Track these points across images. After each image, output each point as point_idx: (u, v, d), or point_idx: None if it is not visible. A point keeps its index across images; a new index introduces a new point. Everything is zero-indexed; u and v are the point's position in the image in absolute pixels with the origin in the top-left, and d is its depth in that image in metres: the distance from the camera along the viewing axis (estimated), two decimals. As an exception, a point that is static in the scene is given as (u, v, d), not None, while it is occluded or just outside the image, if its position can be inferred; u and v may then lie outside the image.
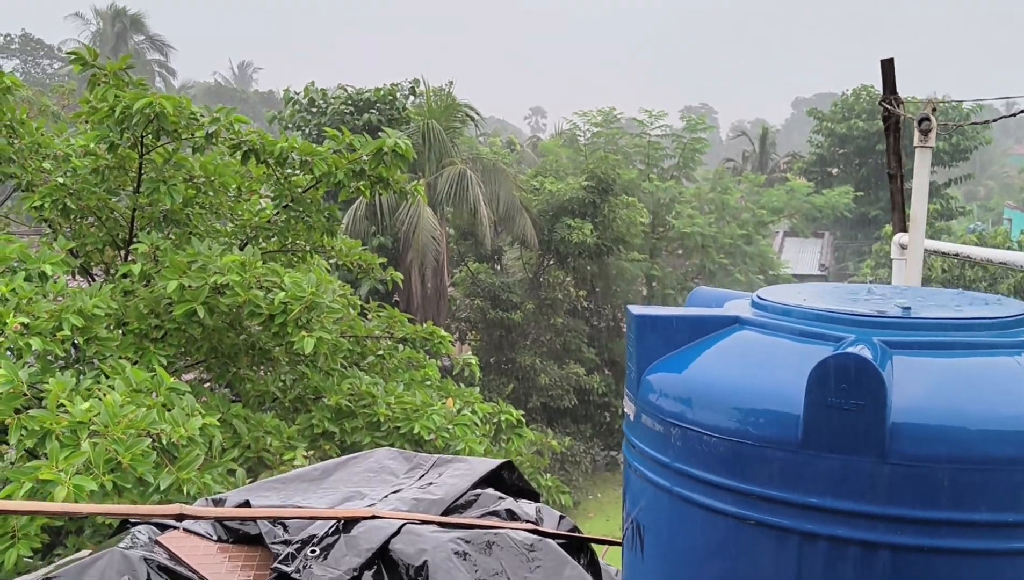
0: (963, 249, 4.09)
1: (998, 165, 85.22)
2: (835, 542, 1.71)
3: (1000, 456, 1.65)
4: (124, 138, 6.18)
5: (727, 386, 1.85)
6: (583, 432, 22.76)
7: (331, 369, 6.80)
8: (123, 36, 56.12)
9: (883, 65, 5.53)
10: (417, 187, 7.46)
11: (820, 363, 1.66)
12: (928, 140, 3.79)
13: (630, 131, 30.35)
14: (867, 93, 38.87)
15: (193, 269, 5.58)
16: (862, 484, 1.67)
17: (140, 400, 4.62)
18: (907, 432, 1.65)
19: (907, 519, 1.67)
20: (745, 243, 27.61)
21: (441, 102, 22.30)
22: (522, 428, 7.89)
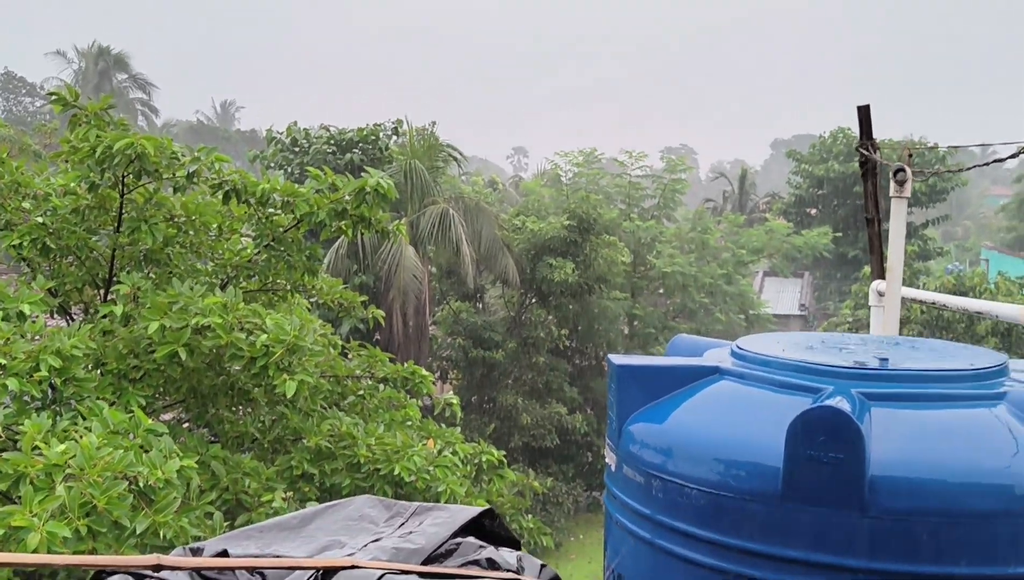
0: (939, 298, 4.13)
1: (975, 206, 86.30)
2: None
3: (979, 509, 1.66)
4: (105, 178, 6.17)
5: (707, 438, 1.86)
6: (565, 472, 22.64)
7: (311, 410, 6.76)
8: (106, 75, 56.21)
9: (859, 111, 5.62)
10: (399, 226, 7.47)
11: (799, 415, 1.67)
12: (904, 190, 3.84)
13: (611, 171, 30.55)
14: (844, 135, 39.32)
15: (174, 310, 5.55)
16: (842, 538, 1.68)
17: (117, 442, 4.56)
18: (886, 485, 1.66)
19: (888, 573, 1.67)
20: (725, 283, 27.74)
21: (424, 142, 22.41)
22: (504, 469, 7.84)
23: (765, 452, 1.73)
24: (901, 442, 1.72)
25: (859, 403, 1.74)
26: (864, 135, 5.68)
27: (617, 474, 2.02)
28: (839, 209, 40.11)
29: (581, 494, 22.89)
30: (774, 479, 1.71)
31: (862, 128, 5.76)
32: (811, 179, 40.80)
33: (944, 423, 1.80)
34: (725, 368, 2.02)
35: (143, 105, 59.28)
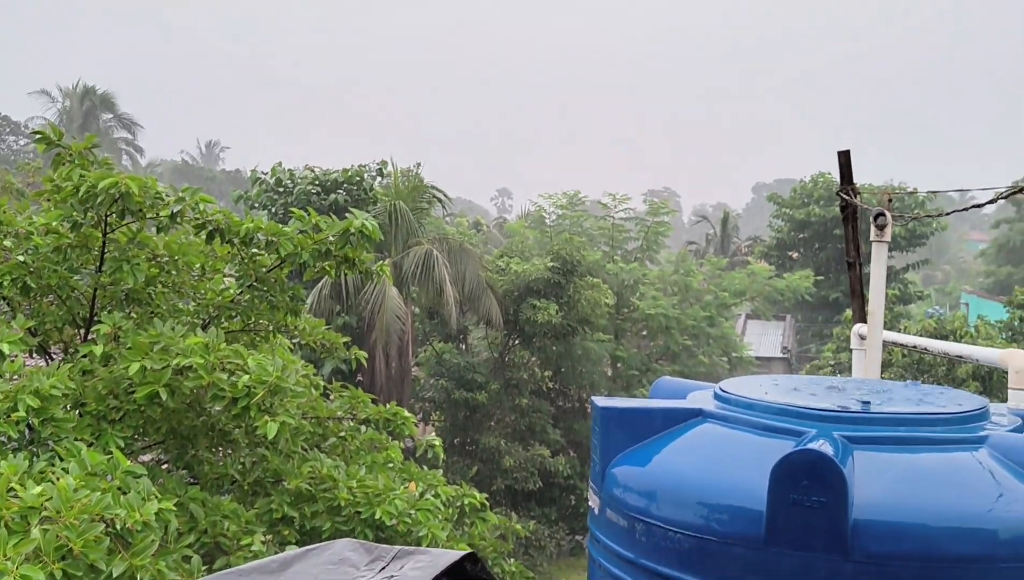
0: (920, 342, 4.16)
1: (954, 250, 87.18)
2: (800, 642, 1.70)
3: (962, 554, 1.66)
4: (87, 217, 6.15)
5: (691, 481, 1.85)
6: (548, 516, 22.47)
7: (292, 451, 6.69)
8: (92, 114, 56.24)
9: (840, 157, 5.69)
10: (383, 267, 7.46)
11: (782, 459, 1.67)
12: (884, 234, 3.88)
13: (595, 214, 30.74)
14: (824, 180, 39.74)
15: (155, 350, 5.51)
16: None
17: (95, 484, 4.50)
18: (869, 529, 1.66)
19: (871, 618, 1.67)
20: (708, 325, 27.81)
21: (408, 183, 22.49)
22: (486, 512, 7.78)
23: (749, 495, 1.73)
24: (884, 486, 1.72)
25: (842, 446, 1.74)
26: (845, 180, 5.74)
27: (600, 517, 2.01)
28: (820, 253, 40.44)
29: (564, 538, 22.70)
30: (757, 523, 1.71)
31: (843, 173, 5.82)
32: (792, 223, 41.17)
33: (926, 467, 1.80)
34: (708, 411, 2.03)
35: (128, 145, 59.28)
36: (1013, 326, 20.30)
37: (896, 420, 1.91)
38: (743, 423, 1.96)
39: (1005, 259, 54.66)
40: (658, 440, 2.00)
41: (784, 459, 1.67)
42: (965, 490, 1.75)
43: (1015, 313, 20.55)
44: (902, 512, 1.70)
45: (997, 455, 1.82)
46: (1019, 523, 1.69)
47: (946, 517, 1.70)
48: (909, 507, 1.71)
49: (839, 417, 1.90)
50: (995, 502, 1.72)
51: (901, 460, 1.81)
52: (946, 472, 1.79)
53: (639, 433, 2.02)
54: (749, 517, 1.73)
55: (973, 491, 1.75)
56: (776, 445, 1.78)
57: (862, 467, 1.75)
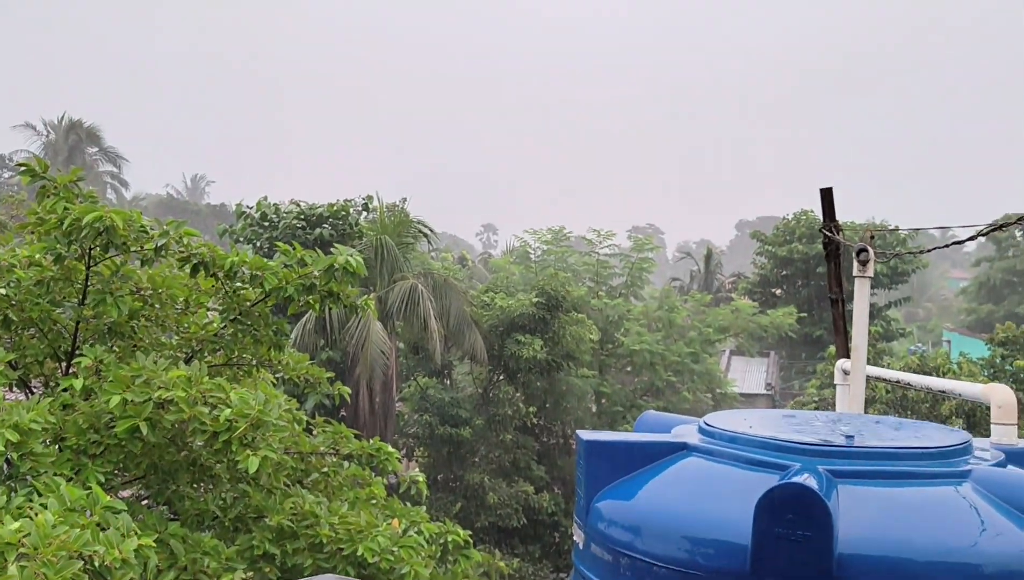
0: (904, 377, 4.18)
1: (936, 288, 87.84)
2: (785, 678, 1.69)
3: (946, 588, 1.66)
4: (71, 250, 6.12)
5: (676, 515, 1.85)
6: (532, 553, 22.30)
7: (274, 487, 6.63)
8: (77, 147, 56.19)
9: (822, 194, 5.74)
10: (368, 301, 7.45)
11: (766, 492, 1.67)
12: (867, 270, 3.91)
13: (579, 249, 30.87)
14: (806, 218, 40.06)
15: (137, 384, 5.47)
16: (811, 617, 1.66)
17: (74, 519, 4.44)
18: (854, 564, 1.66)
19: (856, 653, 1.66)
20: (692, 361, 27.87)
21: (394, 218, 22.54)
22: (469, 549, 7.71)
23: (733, 530, 1.73)
24: (868, 520, 1.72)
25: (826, 480, 1.74)
26: (827, 217, 5.80)
27: (585, 552, 2.00)
28: (803, 289, 40.67)
29: (548, 575, 22.52)
30: (742, 557, 1.70)
31: (825, 210, 5.88)
32: (775, 260, 41.42)
33: (911, 501, 1.80)
34: (693, 444, 2.02)
35: (113, 178, 59.17)
36: (995, 363, 20.42)
37: (880, 454, 1.91)
38: (727, 457, 1.96)
39: (986, 297, 55.13)
40: (643, 474, 2.00)
41: (769, 493, 1.67)
42: (949, 525, 1.75)
43: (996, 350, 20.68)
44: (887, 547, 1.70)
45: (981, 490, 1.82)
46: (1003, 558, 1.69)
47: (931, 552, 1.70)
48: (894, 542, 1.71)
49: (823, 451, 1.91)
50: (979, 537, 1.72)
51: (885, 494, 1.82)
52: (930, 506, 1.79)
53: (624, 467, 2.02)
54: (734, 551, 1.73)
55: (957, 526, 1.75)
56: (760, 479, 1.78)
57: (847, 501, 1.75)
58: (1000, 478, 1.87)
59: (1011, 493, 1.80)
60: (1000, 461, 2.02)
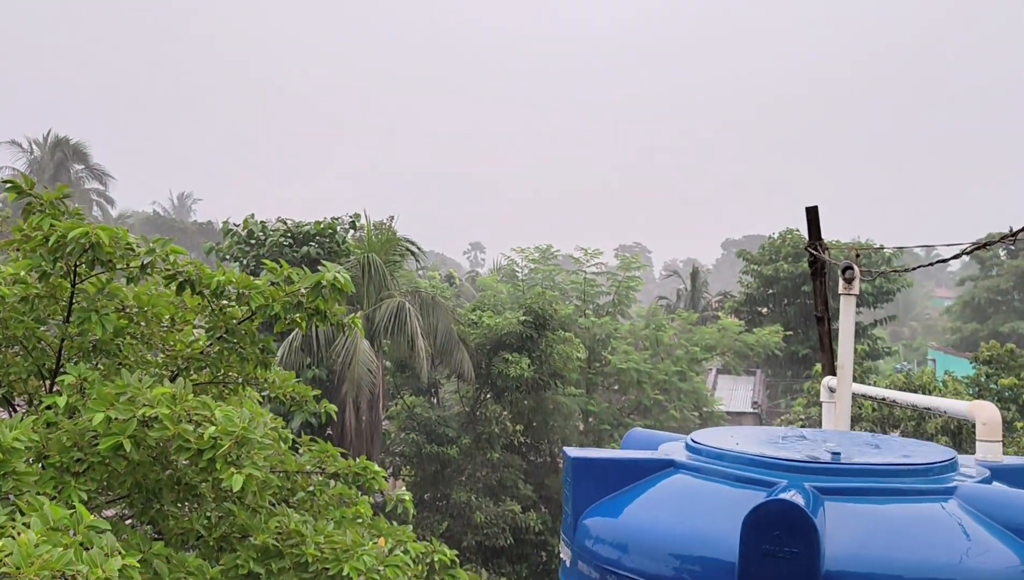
0: (890, 394, 4.19)
1: (920, 307, 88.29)
2: None
3: (932, 605, 1.66)
4: (56, 267, 6.09)
5: (663, 532, 1.84)
6: (519, 573, 22.20)
7: (259, 506, 6.58)
8: (63, 165, 56.00)
9: (808, 213, 5.77)
10: (355, 319, 7.42)
11: (754, 510, 1.67)
12: (852, 288, 3.92)
13: (567, 268, 30.92)
14: (792, 237, 40.25)
15: (121, 401, 5.43)
16: (798, 635, 1.66)
17: (57, 539, 4.39)
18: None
19: (844, 671, 1.65)
20: (679, 380, 27.89)
21: (382, 236, 22.53)
22: (456, 569, 7.66)
23: (720, 547, 1.73)
24: (855, 537, 1.72)
25: (813, 497, 1.75)
26: (813, 236, 5.82)
27: (572, 570, 2.00)
28: (789, 308, 40.79)
29: (534, 595, 22.43)
30: (729, 574, 1.70)
31: (811, 229, 5.91)
32: (761, 279, 41.56)
33: (897, 518, 1.81)
34: (680, 462, 2.02)
35: (99, 196, 58.98)
36: (979, 382, 20.51)
37: (866, 471, 1.91)
38: (714, 474, 1.96)
39: (970, 316, 55.43)
40: (630, 491, 1.99)
41: (756, 510, 1.67)
42: (936, 541, 1.75)
43: (981, 369, 20.78)
44: (874, 563, 1.70)
45: (967, 506, 1.83)
46: (989, 574, 1.70)
47: (917, 568, 1.70)
48: (880, 559, 1.71)
49: (810, 468, 1.91)
50: (965, 553, 1.72)
51: (872, 511, 1.82)
52: (916, 523, 1.80)
53: (611, 484, 2.01)
54: (721, 568, 1.73)
55: (943, 542, 1.75)
56: (748, 496, 1.78)
57: (833, 518, 1.75)
58: (986, 495, 1.87)
59: (997, 510, 1.80)
60: (985, 478, 2.03)
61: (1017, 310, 53.34)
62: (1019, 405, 18.77)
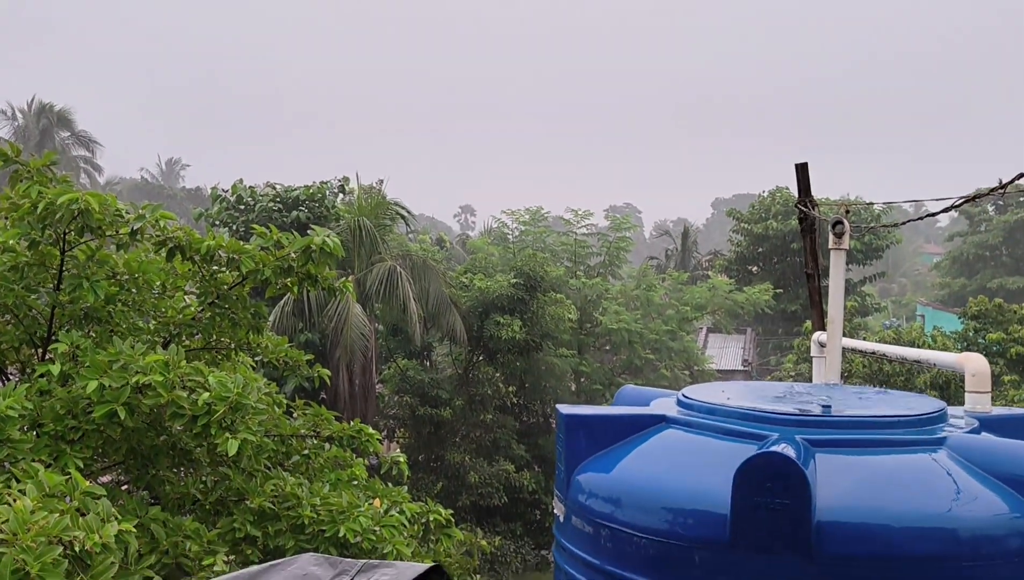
0: (879, 347, 4.23)
1: (910, 263, 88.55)
2: (765, 643, 1.71)
3: (922, 553, 1.69)
4: (46, 235, 6.06)
5: (655, 486, 1.86)
6: (513, 531, 22.43)
7: (254, 470, 6.62)
8: (48, 132, 55.46)
9: (797, 169, 5.77)
10: (346, 283, 7.42)
11: (745, 462, 1.69)
12: (842, 242, 3.94)
13: (557, 229, 30.88)
14: (782, 195, 40.23)
15: (114, 368, 5.43)
16: (790, 584, 1.69)
17: (53, 505, 4.42)
18: (832, 531, 1.68)
19: (835, 618, 1.68)
20: (670, 339, 28.00)
21: (371, 200, 22.45)
22: (451, 528, 7.74)
23: (712, 499, 1.75)
24: (846, 488, 1.74)
25: (804, 449, 1.77)
26: (803, 192, 5.83)
27: (566, 525, 2.02)
28: (779, 266, 40.88)
29: (529, 553, 22.66)
30: (722, 527, 1.72)
31: (800, 186, 5.91)
32: (751, 237, 41.59)
33: (887, 468, 1.83)
34: (672, 417, 2.04)
35: (86, 163, 58.46)
36: (968, 337, 20.64)
37: (856, 423, 1.93)
38: (706, 428, 1.97)
39: (959, 271, 55.62)
40: (622, 446, 2.01)
41: (747, 462, 1.69)
42: (925, 491, 1.78)
43: (969, 324, 20.90)
44: (864, 514, 1.72)
45: (955, 456, 1.85)
46: (978, 522, 1.72)
47: (907, 518, 1.72)
48: (871, 509, 1.73)
49: (801, 420, 1.93)
50: (954, 502, 1.74)
51: (862, 462, 1.84)
52: (906, 473, 1.82)
53: (603, 440, 2.03)
54: (713, 521, 1.75)
55: (933, 492, 1.78)
56: (739, 449, 1.79)
57: (824, 469, 1.77)
58: (974, 445, 1.90)
59: (985, 459, 1.83)
60: (974, 428, 2.05)
61: (1005, 265, 53.55)
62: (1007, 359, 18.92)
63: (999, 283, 50.17)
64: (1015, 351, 18.70)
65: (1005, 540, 1.72)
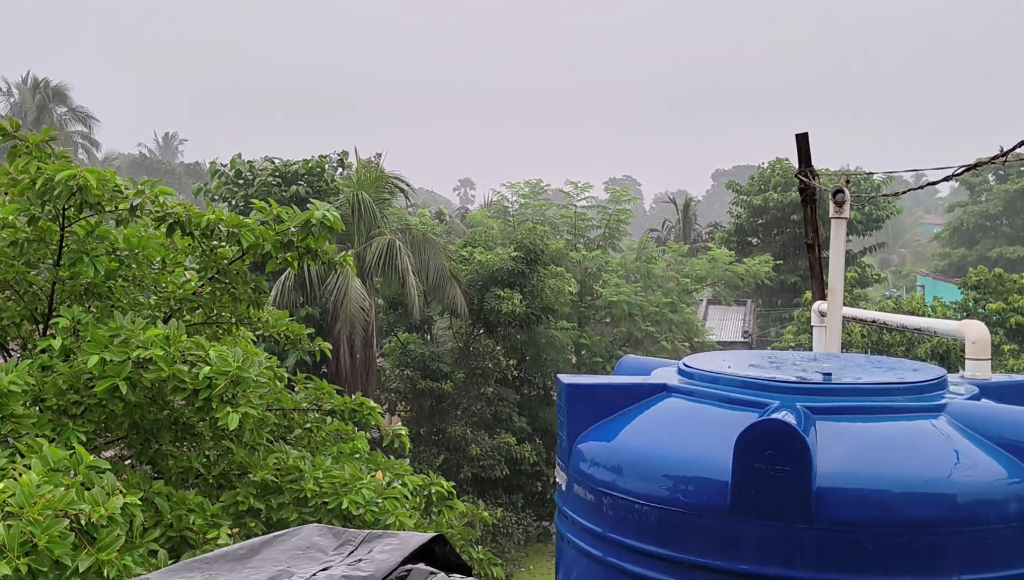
0: (879, 316, 4.23)
1: (910, 234, 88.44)
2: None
3: (922, 518, 1.70)
4: (45, 210, 6.05)
5: (657, 454, 1.87)
6: (515, 503, 22.56)
7: (257, 444, 6.65)
8: (45, 108, 55.20)
9: (798, 139, 5.74)
10: (346, 258, 7.42)
11: (746, 429, 1.69)
12: (842, 211, 3.93)
13: (557, 202, 30.82)
14: (781, 166, 40.12)
15: (115, 343, 5.44)
16: (790, 550, 1.70)
17: (58, 479, 4.45)
18: (832, 497, 1.69)
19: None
20: (670, 311, 28.02)
21: (370, 174, 22.39)
22: (453, 500, 7.78)
23: (713, 467, 1.76)
24: (846, 454, 1.75)
25: (804, 417, 1.77)
26: (803, 162, 5.81)
27: (568, 493, 2.03)
28: (779, 237, 40.84)
29: (531, 524, 22.81)
30: (723, 494, 1.73)
31: (801, 156, 5.89)
32: (751, 209, 41.52)
33: (887, 435, 1.84)
34: (673, 385, 2.05)
35: (83, 138, 58.25)
36: (967, 307, 20.66)
37: (857, 390, 1.94)
38: (707, 396, 1.98)
39: (959, 242, 55.60)
40: (624, 415, 2.02)
41: (748, 430, 1.69)
42: (925, 457, 1.79)
43: (969, 294, 20.91)
44: (864, 479, 1.73)
45: (955, 422, 1.86)
46: (977, 487, 1.73)
47: (907, 483, 1.73)
48: (871, 474, 1.74)
49: (801, 388, 1.93)
50: (954, 468, 1.75)
51: (862, 429, 1.85)
52: (906, 440, 1.83)
53: (605, 409, 2.04)
54: (714, 488, 1.76)
55: (932, 458, 1.78)
56: (740, 417, 1.80)
57: (824, 436, 1.78)
58: (974, 411, 1.91)
59: (985, 425, 1.84)
60: (974, 395, 2.06)
61: (1005, 235, 53.51)
62: (1006, 329, 18.95)
63: (999, 252, 50.15)
64: (1015, 321, 18.73)
65: (1004, 505, 1.73)
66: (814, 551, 1.70)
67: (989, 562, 1.71)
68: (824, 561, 1.71)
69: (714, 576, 1.76)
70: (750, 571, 1.74)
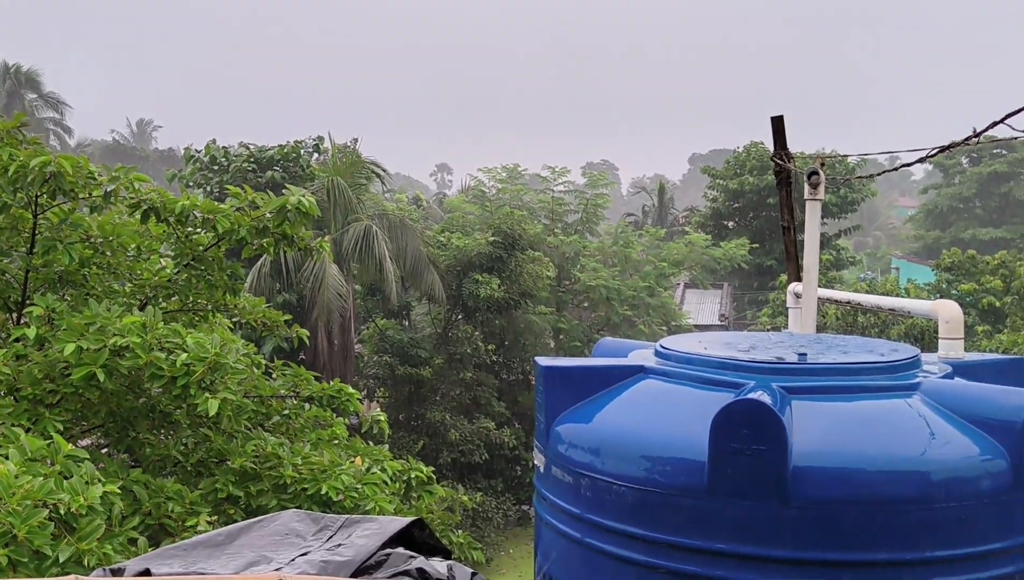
0: (854, 297, 4.27)
1: (884, 216, 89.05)
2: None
3: (896, 496, 1.72)
4: (17, 198, 5.99)
5: (634, 435, 1.88)
6: (494, 487, 22.63)
7: (235, 431, 6.63)
8: (15, 94, 54.50)
9: (773, 122, 5.77)
10: (322, 243, 7.39)
11: (722, 409, 1.71)
12: (817, 193, 3.96)
13: (534, 187, 30.80)
14: (757, 150, 40.23)
15: (91, 331, 5.40)
16: (767, 528, 1.72)
17: (36, 469, 4.42)
18: (808, 475, 1.71)
19: (812, 561, 1.72)
20: (648, 295, 28.12)
21: (346, 159, 22.28)
22: (433, 485, 7.79)
23: (690, 447, 1.77)
24: (821, 433, 1.77)
25: (780, 396, 1.79)
26: (778, 145, 5.83)
27: (546, 475, 2.04)
28: (755, 221, 41.00)
29: (511, 508, 22.89)
30: (700, 473, 1.74)
31: (776, 139, 5.91)
32: (727, 193, 41.65)
33: (861, 414, 1.86)
34: (650, 367, 2.06)
35: (55, 125, 57.59)
36: (941, 288, 20.88)
37: (831, 370, 1.96)
38: (683, 377, 1.99)
39: (933, 224, 56.06)
40: (601, 397, 2.03)
41: (724, 410, 1.71)
42: (899, 435, 1.81)
43: (942, 276, 21.13)
44: (839, 458, 1.75)
45: (929, 401, 1.88)
46: (951, 465, 1.75)
47: (881, 461, 1.75)
48: (846, 453, 1.76)
49: (776, 368, 1.95)
50: (928, 445, 1.77)
51: (837, 408, 1.86)
52: (881, 418, 1.85)
53: (582, 391, 2.05)
54: (691, 468, 1.77)
55: (907, 436, 1.80)
56: (716, 397, 1.81)
57: (800, 416, 1.79)
58: (948, 389, 1.93)
59: (958, 403, 1.86)
60: (948, 374, 2.08)
61: (978, 217, 54.02)
62: (979, 310, 19.17)
63: (972, 234, 50.62)
64: (987, 301, 18.96)
65: (977, 481, 1.75)
66: (790, 529, 1.72)
67: (963, 538, 1.74)
68: (801, 539, 1.73)
69: (692, 555, 1.78)
70: (727, 550, 1.75)
